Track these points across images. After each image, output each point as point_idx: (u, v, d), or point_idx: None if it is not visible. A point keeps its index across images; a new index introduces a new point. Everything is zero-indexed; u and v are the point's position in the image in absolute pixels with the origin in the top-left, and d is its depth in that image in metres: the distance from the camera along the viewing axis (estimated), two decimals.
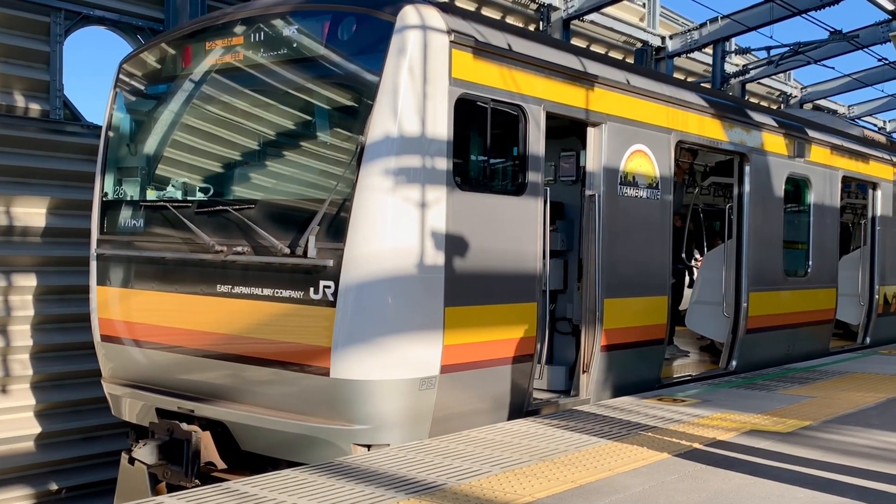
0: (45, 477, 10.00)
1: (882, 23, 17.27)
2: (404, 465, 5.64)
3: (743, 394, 8.58)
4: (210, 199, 7.31)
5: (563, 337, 8.72)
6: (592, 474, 5.47)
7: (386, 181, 6.20)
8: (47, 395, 10.04)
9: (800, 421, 7.22)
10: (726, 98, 12.15)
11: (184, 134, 7.69)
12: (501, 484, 5.22)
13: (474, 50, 6.71)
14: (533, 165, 7.20)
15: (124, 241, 7.73)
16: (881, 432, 6.92)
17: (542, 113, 7.28)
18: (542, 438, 6.40)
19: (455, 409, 6.65)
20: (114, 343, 7.77)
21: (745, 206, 10.10)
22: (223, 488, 5.15)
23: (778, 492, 5.21)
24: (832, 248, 12.13)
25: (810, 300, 11.56)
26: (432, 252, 6.35)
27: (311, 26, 6.85)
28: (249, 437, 6.78)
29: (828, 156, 11.86)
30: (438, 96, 6.43)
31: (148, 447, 7.10)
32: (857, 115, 24.96)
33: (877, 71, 20.87)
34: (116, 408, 7.91)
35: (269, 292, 6.59)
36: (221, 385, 6.96)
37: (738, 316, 10.05)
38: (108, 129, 8.09)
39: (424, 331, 6.37)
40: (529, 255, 7.18)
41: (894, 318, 14.15)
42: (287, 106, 7.13)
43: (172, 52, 7.83)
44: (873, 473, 5.66)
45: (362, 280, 6.19)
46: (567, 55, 7.90)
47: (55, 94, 10.10)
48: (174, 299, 7.26)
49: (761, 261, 10.34)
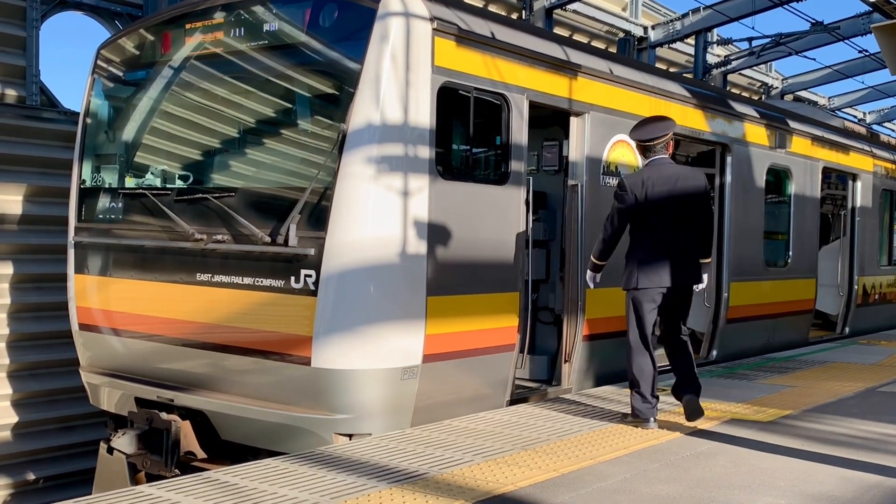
0: (22, 467, 9.91)
1: (863, 14, 17.34)
2: (386, 454, 5.62)
3: (723, 383, 8.62)
4: (190, 186, 7.24)
5: (546, 327, 8.73)
6: (574, 463, 5.47)
7: (368, 169, 6.16)
8: (24, 384, 9.93)
9: (780, 410, 7.26)
10: (708, 89, 12.18)
11: (163, 121, 7.60)
12: (483, 473, 5.21)
13: (457, 38, 6.67)
14: (516, 155, 7.17)
15: (102, 228, 7.64)
16: (860, 421, 6.97)
17: (525, 102, 7.26)
18: (525, 428, 6.40)
19: (437, 398, 6.64)
20: (92, 332, 7.69)
21: (727, 197, 10.14)
22: (203, 478, 5.11)
23: (759, 480, 5.24)
24: (812, 238, 12.20)
25: (790, 290, 11.63)
26: (414, 241, 6.32)
27: (292, 12, 6.78)
28: (230, 426, 6.73)
29: (808, 147, 11.92)
30: (421, 84, 6.39)
31: (127, 437, 7.04)
32: (838, 106, 25.11)
33: (857, 62, 20.99)
34: (95, 397, 7.84)
35: (250, 281, 6.54)
36: (201, 374, 6.91)
37: (719, 306, 10.09)
38: (86, 116, 7.98)
39: (406, 320, 6.34)
40: (512, 244, 7.16)
41: (873, 308, 14.27)
42: (268, 93, 7.06)
43: (151, 38, 7.73)
44: (853, 462, 5.70)
45: (344, 269, 6.15)
46: (550, 44, 7.88)
47: (31, 79, 9.96)
48: (153, 288, 7.19)
49: (742, 251, 10.39)
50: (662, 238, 6.31)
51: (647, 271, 6.32)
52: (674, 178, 6.34)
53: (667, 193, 6.27)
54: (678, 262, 6.32)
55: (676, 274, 6.32)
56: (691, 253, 6.41)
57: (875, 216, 14.22)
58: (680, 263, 6.33)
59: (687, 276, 6.39)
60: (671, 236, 6.32)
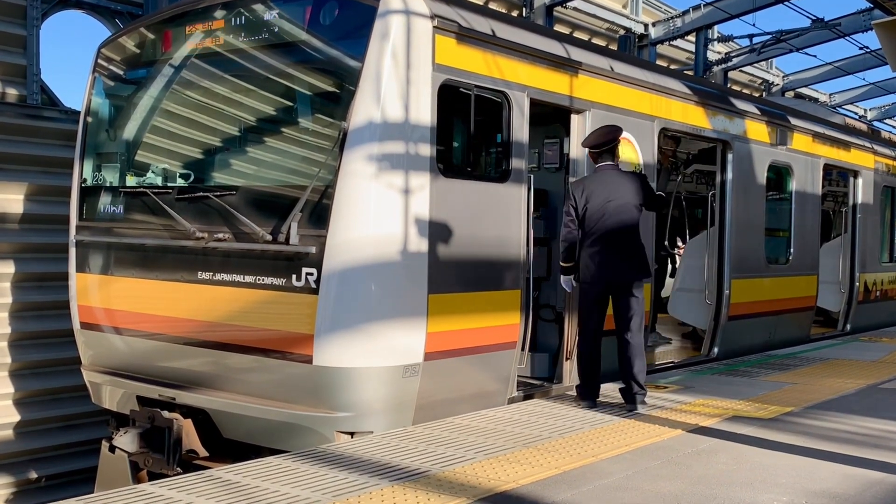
0: (24, 465, 9.91)
1: (864, 11, 17.31)
2: (388, 452, 5.62)
3: (725, 380, 8.62)
4: (191, 185, 7.23)
5: (547, 324, 8.72)
6: (576, 461, 5.47)
7: (369, 167, 6.16)
8: (26, 383, 9.93)
9: (781, 407, 7.26)
10: (709, 86, 12.17)
11: (164, 119, 7.60)
12: (485, 470, 5.21)
13: (458, 35, 6.66)
14: (517, 152, 7.16)
15: (104, 227, 7.64)
16: (862, 418, 6.97)
17: (525, 100, 7.25)
18: (526, 425, 6.40)
19: (439, 396, 6.64)
20: (93, 330, 7.69)
21: (728, 194, 10.13)
22: (205, 476, 5.11)
23: (760, 477, 5.23)
24: (813, 235, 12.19)
25: (792, 287, 11.62)
26: (416, 239, 6.32)
27: (292, 10, 6.78)
28: (231, 424, 6.73)
29: (809, 144, 11.90)
30: (422, 82, 6.39)
31: (129, 435, 7.04)
32: (839, 103, 25.07)
33: (858, 59, 20.95)
34: (96, 395, 7.84)
35: (251, 279, 6.54)
36: (203, 373, 6.91)
37: (721, 303, 10.08)
38: (87, 115, 7.98)
39: (408, 318, 6.34)
40: (513, 242, 7.15)
41: (874, 305, 14.26)
42: (268, 91, 7.06)
43: (152, 37, 7.73)
44: (855, 458, 5.70)
45: (345, 267, 6.15)
46: (551, 42, 7.87)
47: (32, 78, 9.95)
48: (155, 286, 7.19)
49: (743, 248, 10.38)
50: (601, 238, 6.86)
51: (589, 267, 6.91)
52: (611, 183, 6.93)
53: (604, 198, 6.85)
54: (615, 259, 6.87)
55: (614, 270, 6.87)
56: (630, 250, 6.93)
57: (876, 213, 14.21)
58: (617, 260, 6.88)
59: (625, 271, 6.91)
60: (609, 236, 6.86)
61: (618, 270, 6.90)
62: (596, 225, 6.85)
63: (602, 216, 6.84)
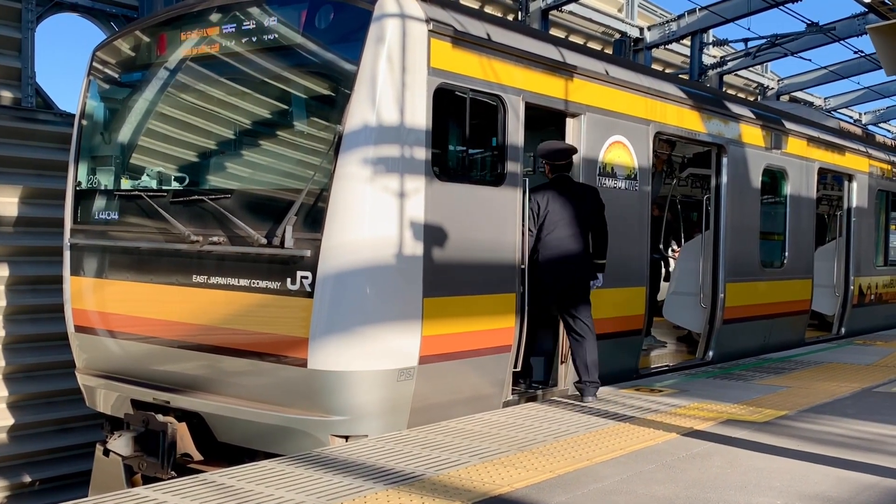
0: (18, 469, 9.89)
1: (859, 15, 17.37)
2: (383, 455, 5.62)
3: (719, 384, 8.63)
4: (185, 188, 7.23)
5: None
6: (571, 464, 5.48)
7: (364, 171, 6.15)
8: (20, 386, 9.91)
9: (776, 410, 7.27)
10: (704, 90, 12.19)
11: (159, 123, 7.59)
12: (480, 474, 5.21)
13: (453, 39, 6.67)
14: (512, 156, 7.17)
15: (98, 230, 7.63)
16: (856, 421, 6.98)
17: (521, 103, 7.26)
18: (521, 429, 6.40)
19: (434, 399, 6.64)
20: (88, 334, 7.68)
21: (723, 198, 10.15)
22: (200, 480, 5.10)
23: (754, 480, 5.24)
24: (808, 239, 12.22)
25: (786, 291, 11.64)
26: (411, 242, 6.32)
27: (288, 14, 6.77)
28: (226, 428, 6.73)
29: (804, 147, 11.93)
30: (417, 86, 6.39)
31: (123, 439, 7.03)
32: (834, 107, 25.14)
33: (853, 63, 21.02)
34: (91, 399, 7.82)
35: (246, 283, 6.53)
36: (197, 376, 6.90)
37: (715, 306, 10.10)
38: (82, 118, 7.97)
39: (403, 321, 6.34)
40: (508, 245, 7.16)
41: (869, 308, 14.29)
42: (264, 95, 7.06)
43: (147, 40, 7.72)
44: (849, 462, 5.72)
45: (340, 270, 6.15)
46: (546, 45, 7.88)
47: (27, 81, 9.95)
48: (149, 289, 7.18)
49: (738, 252, 10.39)
50: (557, 243, 7.41)
51: (545, 268, 7.40)
52: (569, 193, 7.49)
53: (560, 206, 7.40)
54: (568, 262, 7.42)
55: (566, 272, 7.42)
56: (581, 255, 7.48)
57: (871, 217, 14.24)
58: (570, 263, 7.43)
59: (575, 273, 7.46)
60: (564, 241, 7.42)
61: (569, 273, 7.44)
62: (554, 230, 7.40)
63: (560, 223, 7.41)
